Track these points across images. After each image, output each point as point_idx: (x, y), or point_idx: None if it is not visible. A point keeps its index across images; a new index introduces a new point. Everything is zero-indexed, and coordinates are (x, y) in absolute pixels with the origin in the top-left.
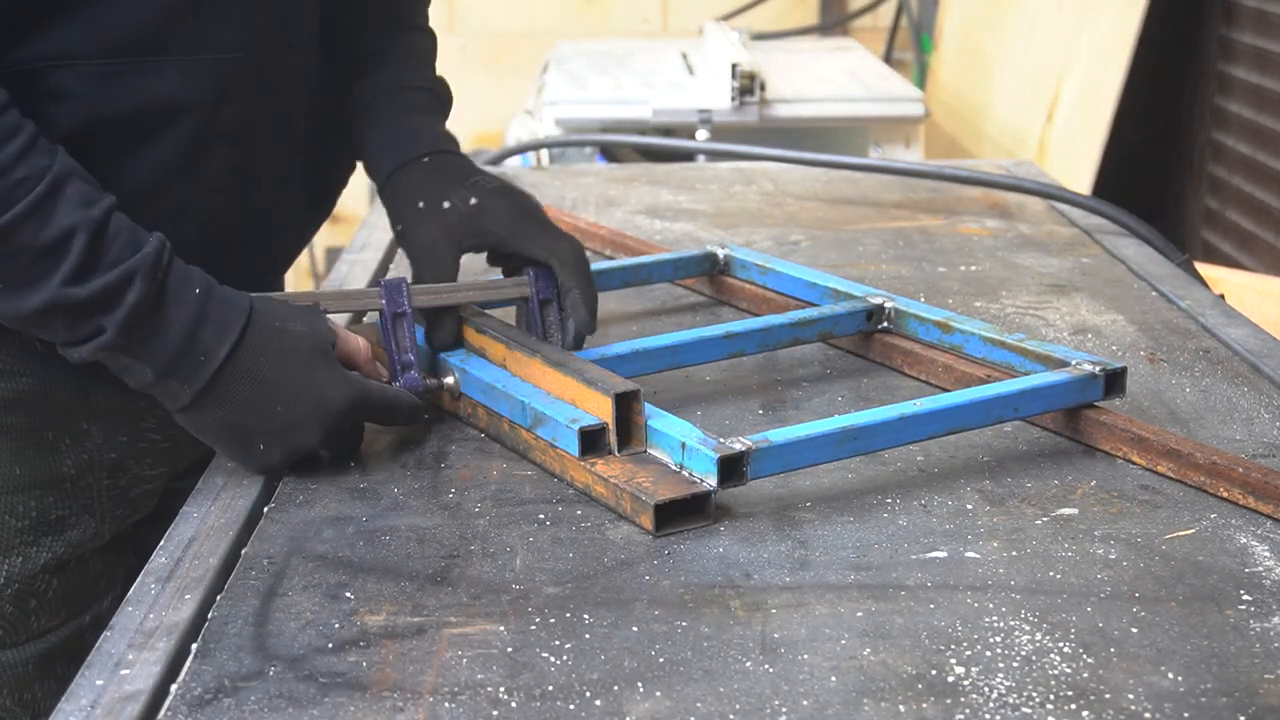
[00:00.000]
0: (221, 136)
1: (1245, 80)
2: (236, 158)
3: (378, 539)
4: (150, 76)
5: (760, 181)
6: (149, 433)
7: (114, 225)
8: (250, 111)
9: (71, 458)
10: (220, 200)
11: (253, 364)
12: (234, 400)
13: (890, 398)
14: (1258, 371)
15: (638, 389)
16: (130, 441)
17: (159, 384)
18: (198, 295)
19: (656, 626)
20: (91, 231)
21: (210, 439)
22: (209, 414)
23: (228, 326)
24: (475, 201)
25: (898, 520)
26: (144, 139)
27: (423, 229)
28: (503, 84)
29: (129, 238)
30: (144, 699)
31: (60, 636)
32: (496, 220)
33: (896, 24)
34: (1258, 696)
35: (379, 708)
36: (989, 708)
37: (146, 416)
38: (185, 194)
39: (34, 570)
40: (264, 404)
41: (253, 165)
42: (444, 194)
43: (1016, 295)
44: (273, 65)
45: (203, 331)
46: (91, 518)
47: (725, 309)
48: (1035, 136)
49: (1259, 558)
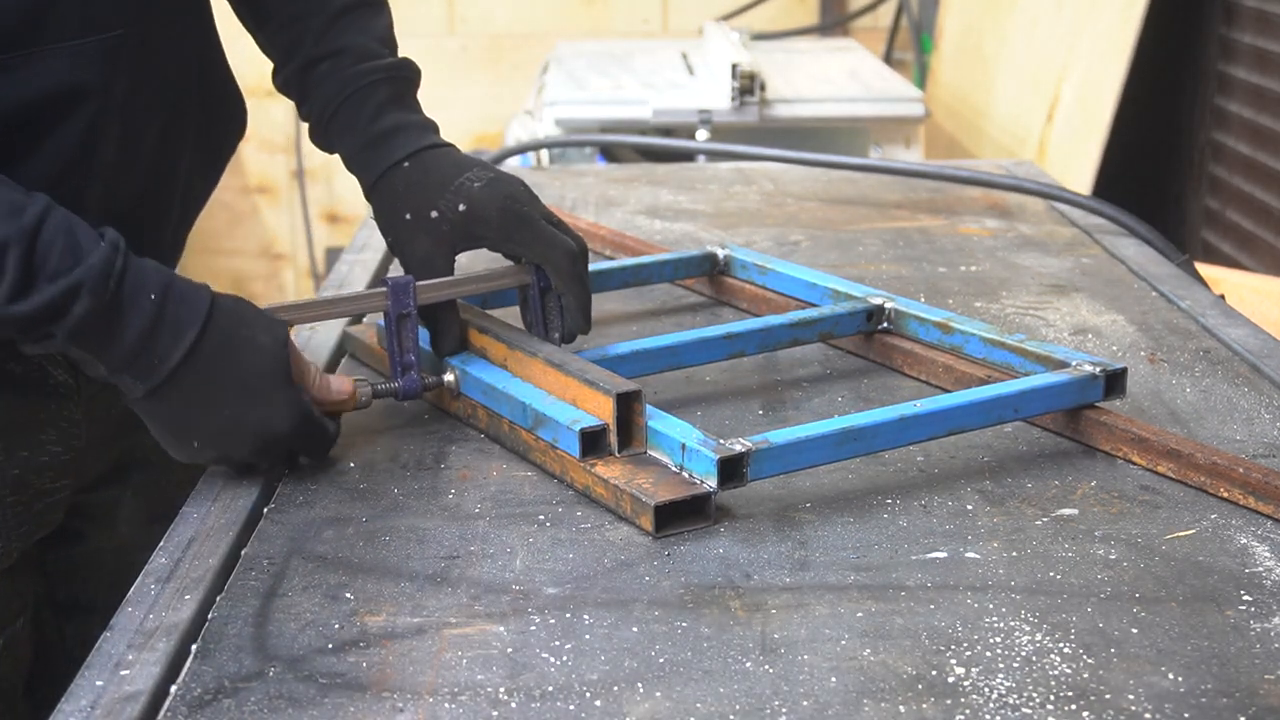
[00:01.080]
0: (113, 117)
1: (1245, 80)
2: (129, 136)
3: (378, 539)
4: (38, 65)
5: (760, 181)
6: (50, 445)
7: (48, 232)
8: (139, 87)
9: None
10: (113, 181)
11: (209, 368)
12: (184, 399)
13: (890, 398)
14: (1258, 371)
15: (639, 389)
16: (31, 455)
17: (113, 378)
18: (153, 301)
19: (656, 627)
20: (24, 244)
21: (155, 429)
22: (159, 406)
23: (184, 328)
24: (464, 208)
25: (898, 521)
26: (40, 133)
27: (414, 241)
28: (503, 84)
29: (66, 243)
30: (144, 699)
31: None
32: (488, 225)
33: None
34: (1258, 697)
35: (379, 708)
36: (989, 708)
37: (47, 429)
38: (80, 182)
39: None
40: (213, 408)
41: (142, 141)
42: (430, 202)
43: (1016, 295)
44: (155, 37)
45: (158, 334)
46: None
47: (725, 309)
48: (1035, 136)
49: (1259, 558)
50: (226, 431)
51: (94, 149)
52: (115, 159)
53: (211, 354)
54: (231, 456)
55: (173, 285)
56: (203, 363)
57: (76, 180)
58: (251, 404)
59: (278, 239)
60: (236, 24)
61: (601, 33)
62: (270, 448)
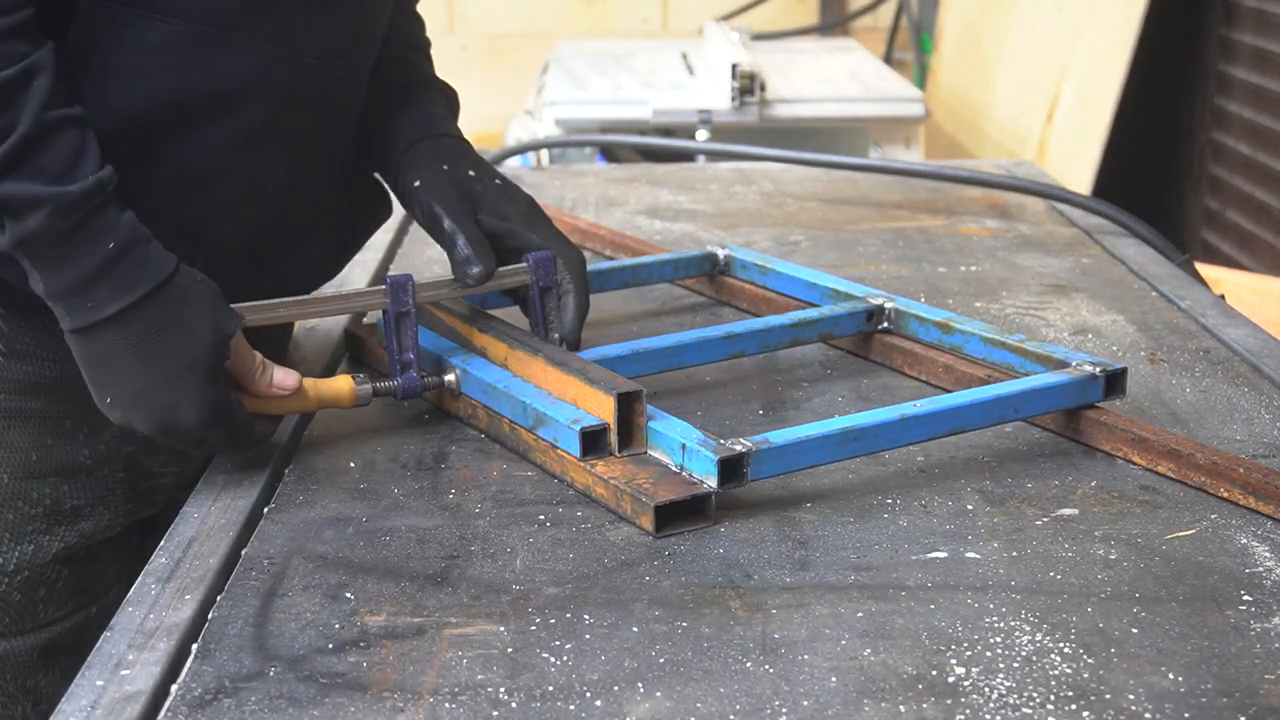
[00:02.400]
0: (280, 136)
1: (1245, 80)
2: (286, 162)
3: (378, 539)
4: (236, 54)
5: (760, 181)
6: None
7: (61, 139)
8: (311, 120)
9: (89, 448)
10: (261, 204)
11: (136, 336)
12: (105, 354)
13: (890, 398)
14: (1258, 371)
15: (640, 389)
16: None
17: (47, 301)
18: (110, 250)
19: (657, 627)
20: (30, 132)
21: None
22: (80, 347)
23: (130, 288)
24: (500, 183)
25: (898, 521)
26: (209, 120)
27: (443, 186)
28: (503, 84)
29: (66, 156)
30: (144, 699)
31: (65, 627)
32: (517, 207)
33: (896, 24)
34: (1258, 697)
35: (379, 708)
36: (989, 708)
37: None
38: (233, 187)
39: (45, 559)
40: (126, 375)
41: (300, 174)
42: (468, 166)
43: (1017, 295)
44: (338, 78)
45: (101, 284)
46: (105, 509)
47: (725, 309)
48: (1035, 136)
49: (1259, 558)
50: (133, 403)
51: (253, 159)
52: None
53: (145, 323)
54: (132, 428)
55: (137, 245)
56: (133, 327)
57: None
58: (163, 386)
59: None
60: None
61: (601, 33)
62: (173, 433)
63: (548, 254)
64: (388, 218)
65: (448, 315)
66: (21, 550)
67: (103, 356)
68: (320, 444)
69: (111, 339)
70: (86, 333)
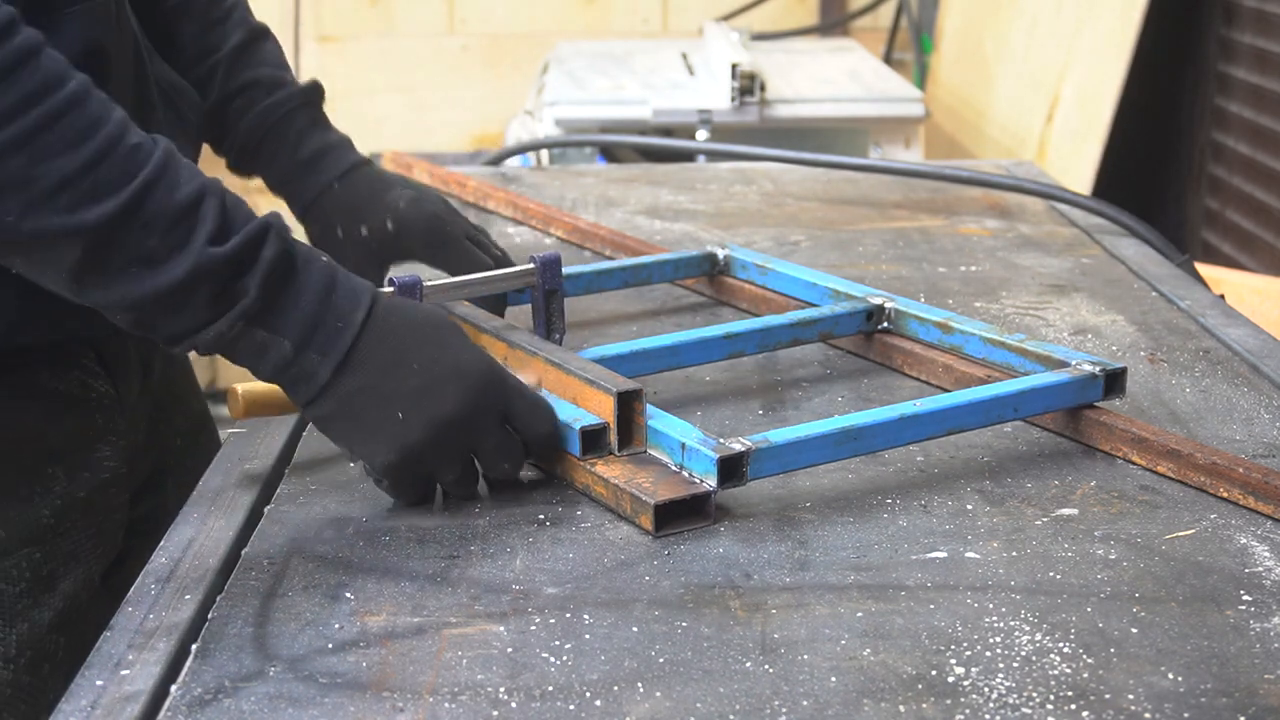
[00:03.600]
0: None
1: (1245, 80)
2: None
3: (378, 539)
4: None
5: (760, 182)
6: (107, 461)
7: (231, 192)
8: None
9: (47, 507)
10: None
11: (386, 327)
12: (370, 366)
13: (890, 398)
14: (1258, 371)
15: (640, 388)
16: (93, 475)
17: (296, 360)
18: (325, 263)
19: (656, 627)
20: (218, 193)
21: (343, 423)
22: (344, 387)
23: (359, 294)
24: (392, 226)
25: (898, 520)
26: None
27: (346, 257)
28: (503, 84)
29: (239, 202)
30: (144, 699)
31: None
32: (415, 241)
33: (896, 24)
34: (1258, 697)
35: (379, 708)
36: (989, 708)
37: (100, 445)
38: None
39: (41, 632)
40: (400, 367)
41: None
42: (361, 220)
43: (1016, 295)
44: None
45: (336, 298)
46: (78, 564)
47: (725, 309)
48: (1035, 136)
49: (1259, 558)
50: (422, 385)
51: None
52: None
53: (386, 313)
54: (440, 417)
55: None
56: (380, 323)
57: None
58: (438, 353)
59: None
60: None
61: (601, 33)
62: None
63: (554, 255)
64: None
65: (447, 315)
66: (19, 631)
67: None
68: (320, 444)
69: (371, 349)
70: (346, 363)
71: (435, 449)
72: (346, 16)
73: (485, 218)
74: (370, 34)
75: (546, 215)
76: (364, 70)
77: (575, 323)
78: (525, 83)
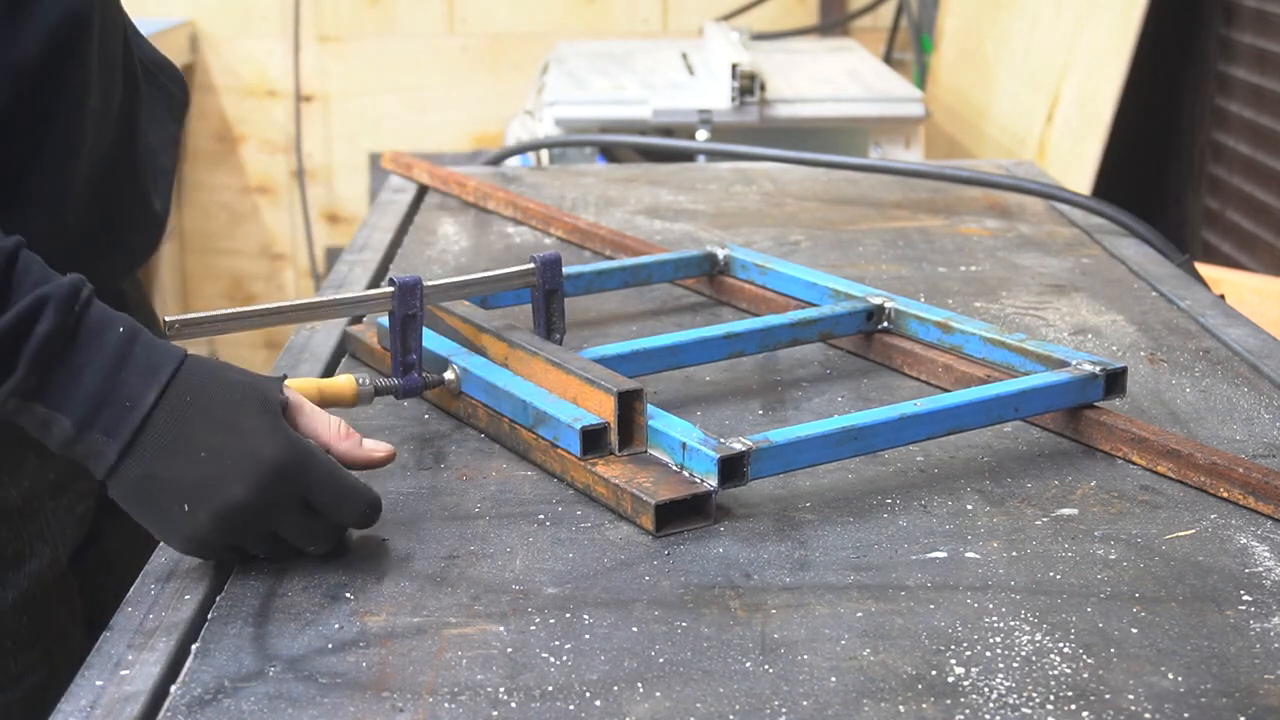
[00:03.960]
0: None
1: (1245, 80)
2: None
3: (378, 539)
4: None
5: (760, 181)
6: None
7: (24, 258)
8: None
9: (15, 488)
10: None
11: (180, 407)
12: (157, 451)
13: (890, 398)
14: (1258, 371)
15: (641, 388)
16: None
17: (80, 439)
18: (121, 335)
19: (656, 627)
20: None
21: (134, 505)
22: (132, 471)
23: (155, 369)
24: None
25: (898, 520)
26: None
27: None
28: (503, 84)
29: (40, 273)
30: (144, 699)
31: (41, 675)
32: None
33: (896, 24)
34: (1258, 697)
35: (379, 708)
36: (989, 708)
37: None
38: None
39: (5, 609)
40: (186, 453)
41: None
42: None
43: (1016, 295)
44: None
45: (126, 374)
46: (45, 544)
47: (725, 309)
48: (1035, 136)
49: (1259, 558)
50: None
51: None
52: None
53: (183, 394)
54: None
55: (141, 332)
56: (177, 408)
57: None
58: (228, 437)
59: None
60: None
61: (601, 33)
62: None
63: (554, 255)
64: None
65: (447, 315)
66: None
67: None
68: None
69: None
70: (134, 445)
71: (226, 537)
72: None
73: (485, 218)
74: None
75: (546, 215)
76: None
77: (575, 323)
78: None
